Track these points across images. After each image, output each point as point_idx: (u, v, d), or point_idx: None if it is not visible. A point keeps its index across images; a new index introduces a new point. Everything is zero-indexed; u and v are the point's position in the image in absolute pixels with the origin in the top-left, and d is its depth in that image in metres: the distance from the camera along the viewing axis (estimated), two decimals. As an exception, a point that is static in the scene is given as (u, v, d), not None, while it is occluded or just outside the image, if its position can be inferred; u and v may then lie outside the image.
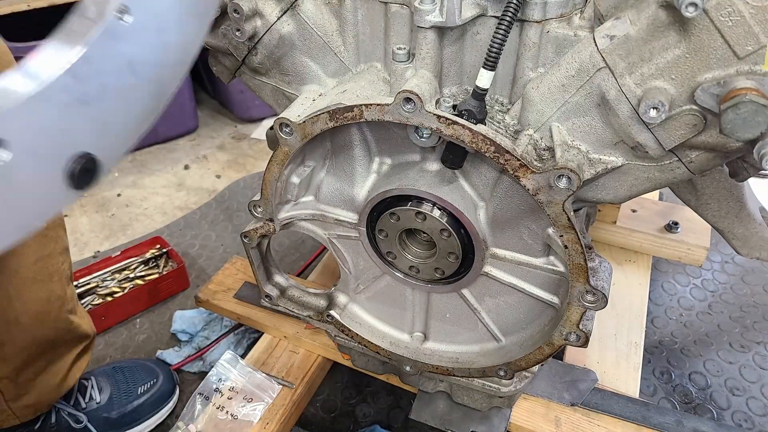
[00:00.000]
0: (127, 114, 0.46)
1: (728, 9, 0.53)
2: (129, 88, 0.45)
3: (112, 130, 0.45)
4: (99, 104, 0.42)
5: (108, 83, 0.42)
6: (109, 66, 0.42)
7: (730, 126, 0.54)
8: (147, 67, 0.45)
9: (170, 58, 0.48)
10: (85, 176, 0.43)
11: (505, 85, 0.74)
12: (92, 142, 0.43)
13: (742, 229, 0.94)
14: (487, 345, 0.92)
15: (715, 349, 1.41)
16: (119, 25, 0.41)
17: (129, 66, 0.44)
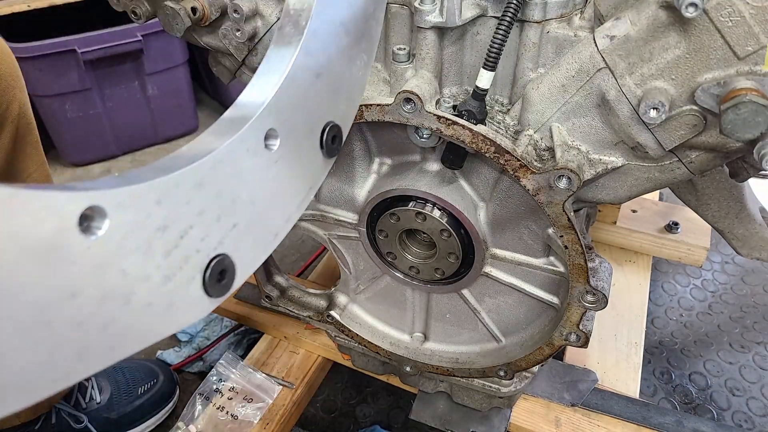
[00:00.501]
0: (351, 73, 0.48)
1: (728, 9, 0.53)
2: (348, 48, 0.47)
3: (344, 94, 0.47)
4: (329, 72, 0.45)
5: (332, 50, 0.45)
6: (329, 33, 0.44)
7: (730, 126, 0.54)
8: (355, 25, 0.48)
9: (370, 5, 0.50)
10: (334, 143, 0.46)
11: (505, 85, 0.74)
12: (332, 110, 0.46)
13: (743, 229, 0.93)
14: (488, 345, 0.92)
15: (716, 349, 1.41)
16: None
17: (344, 27, 0.46)
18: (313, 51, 0.43)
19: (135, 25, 1.88)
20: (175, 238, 0.32)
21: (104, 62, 1.99)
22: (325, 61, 0.44)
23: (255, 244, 0.39)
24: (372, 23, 0.51)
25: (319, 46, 0.43)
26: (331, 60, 0.45)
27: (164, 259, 0.32)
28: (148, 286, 0.31)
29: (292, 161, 0.42)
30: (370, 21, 0.50)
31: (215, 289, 0.35)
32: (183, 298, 0.33)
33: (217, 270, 0.35)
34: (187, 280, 0.33)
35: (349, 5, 0.46)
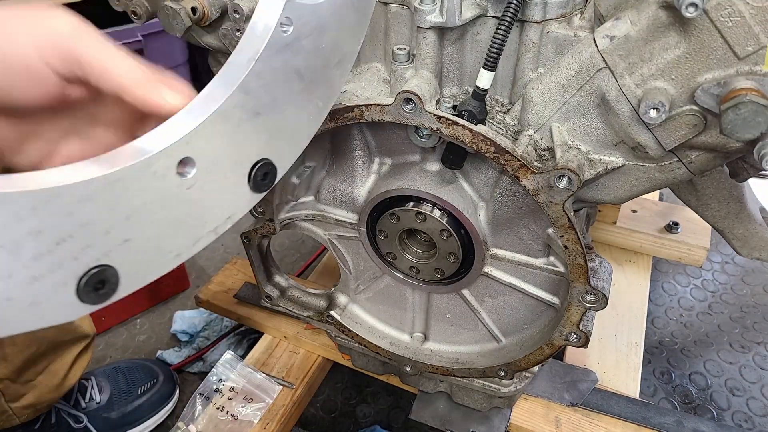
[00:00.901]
0: (298, 117, 0.48)
1: (728, 9, 0.53)
2: (297, 93, 0.47)
3: (286, 135, 0.47)
4: (272, 113, 0.45)
5: (277, 93, 0.45)
6: (277, 77, 0.44)
7: (730, 126, 0.54)
8: (312, 72, 0.47)
9: (335, 55, 0.50)
10: (264, 180, 0.46)
11: (506, 85, 0.74)
12: (268, 148, 0.46)
13: (743, 229, 0.93)
14: (488, 345, 0.92)
15: (716, 349, 1.41)
16: (282, 37, 0.43)
17: (296, 73, 0.46)
18: (254, 91, 0.43)
19: (135, 25, 1.88)
20: (49, 243, 0.34)
21: (104, 62, 1.99)
22: (269, 102, 0.44)
23: (149, 261, 0.40)
24: (334, 73, 0.51)
25: (262, 87, 0.43)
26: (276, 102, 0.45)
27: (33, 261, 0.34)
28: (10, 282, 0.33)
29: (210, 190, 0.42)
30: (331, 71, 0.50)
31: (90, 296, 0.37)
32: (50, 300, 0.35)
33: (96, 279, 0.37)
34: (57, 283, 0.35)
35: (307, 55, 0.46)
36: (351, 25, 0.50)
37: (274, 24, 0.43)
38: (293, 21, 0.43)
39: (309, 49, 0.46)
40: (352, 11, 0.50)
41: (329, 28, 0.47)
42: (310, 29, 0.45)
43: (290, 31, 0.44)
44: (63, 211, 0.34)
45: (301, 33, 0.45)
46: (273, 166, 0.46)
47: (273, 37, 0.43)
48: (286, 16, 0.43)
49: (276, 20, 0.43)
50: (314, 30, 0.46)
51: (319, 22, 0.46)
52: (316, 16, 0.46)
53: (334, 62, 0.50)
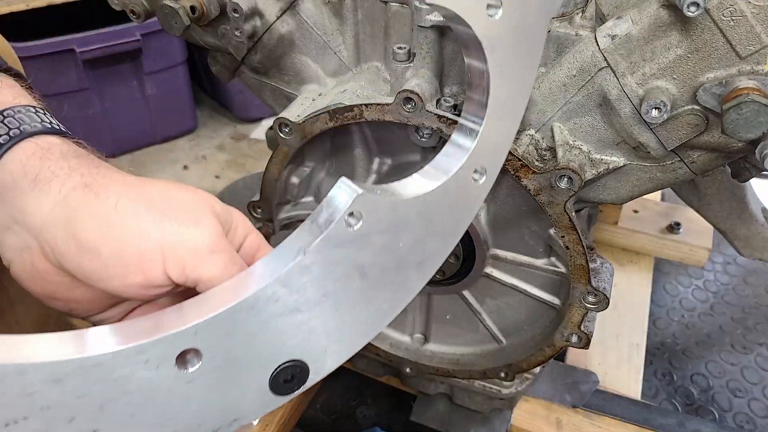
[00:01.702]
0: (353, 318, 0.41)
1: (730, 9, 0.52)
2: (356, 292, 0.40)
3: (332, 337, 0.40)
4: (316, 311, 0.38)
5: (329, 289, 0.38)
6: (331, 273, 0.38)
7: (732, 126, 0.54)
8: (381, 271, 0.40)
9: (415, 256, 0.42)
10: (290, 382, 0.39)
11: (506, 84, 0.73)
12: (304, 348, 0.39)
13: (745, 229, 0.93)
14: (488, 346, 0.91)
15: (717, 350, 1.41)
16: (345, 231, 0.37)
17: (358, 270, 0.39)
18: (297, 285, 0.37)
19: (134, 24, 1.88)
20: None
21: (103, 62, 1.99)
22: (315, 298, 0.38)
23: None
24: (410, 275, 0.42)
25: (308, 282, 0.37)
26: (325, 299, 0.38)
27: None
28: None
29: (216, 387, 0.36)
30: (407, 272, 0.42)
31: None
32: None
33: None
34: None
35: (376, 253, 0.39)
36: (442, 225, 0.43)
37: (337, 217, 0.36)
38: (364, 216, 0.37)
39: (380, 246, 0.39)
40: (447, 210, 0.42)
41: (412, 226, 0.40)
42: (385, 226, 0.39)
43: (358, 226, 0.37)
44: (22, 391, 0.30)
45: (372, 229, 0.38)
46: (305, 368, 0.39)
47: (333, 230, 0.36)
48: (356, 210, 0.37)
49: (341, 214, 0.36)
50: (391, 227, 0.39)
51: (398, 219, 0.39)
52: (396, 213, 0.39)
53: (412, 263, 0.42)
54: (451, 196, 0.42)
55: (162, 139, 2.36)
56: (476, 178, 0.43)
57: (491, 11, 0.37)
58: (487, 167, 0.43)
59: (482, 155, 0.42)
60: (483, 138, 0.41)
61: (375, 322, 0.42)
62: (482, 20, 0.37)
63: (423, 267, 0.43)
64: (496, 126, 0.42)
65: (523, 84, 0.42)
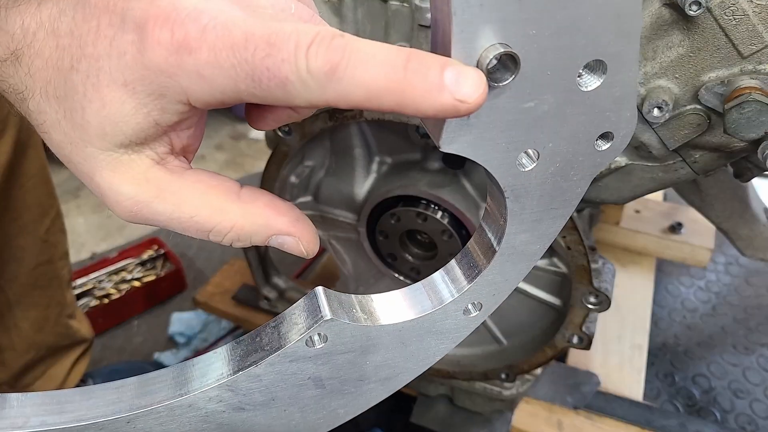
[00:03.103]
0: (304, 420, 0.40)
1: (732, 8, 0.52)
2: (309, 399, 0.39)
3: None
4: (263, 412, 0.38)
5: (279, 395, 0.37)
6: (283, 382, 0.37)
7: (734, 125, 0.53)
8: (340, 383, 0.39)
9: (382, 373, 0.39)
10: None
11: (507, 84, 0.73)
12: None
13: (747, 229, 0.93)
14: (489, 348, 0.91)
15: (719, 351, 1.40)
16: (305, 349, 0.36)
17: (314, 381, 0.38)
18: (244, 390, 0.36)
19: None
20: None
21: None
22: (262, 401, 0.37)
23: None
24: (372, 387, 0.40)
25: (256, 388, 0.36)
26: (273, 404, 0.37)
27: None
28: None
29: None
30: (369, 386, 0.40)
31: None
32: None
33: None
34: None
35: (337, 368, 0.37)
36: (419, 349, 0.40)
37: (296, 339, 0.35)
38: (329, 338, 0.36)
39: (343, 364, 0.37)
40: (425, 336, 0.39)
41: (383, 349, 0.38)
42: (351, 348, 0.37)
43: (319, 347, 0.36)
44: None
45: (336, 350, 0.36)
46: None
47: (291, 348, 0.35)
48: (321, 333, 0.35)
49: (302, 336, 0.35)
50: (358, 349, 0.37)
51: (369, 342, 0.37)
52: (367, 338, 0.37)
53: (377, 377, 0.39)
54: (436, 325, 0.39)
55: (162, 139, 2.36)
56: (469, 311, 0.39)
57: (523, 163, 0.32)
58: (483, 303, 0.40)
59: (482, 292, 0.39)
60: (486, 278, 0.38)
61: (326, 424, 0.41)
62: (510, 171, 0.32)
63: (388, 383, 0.41)
64: (504, 268, 0.38)
65: (545, 234, 0.37)
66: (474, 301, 0.39)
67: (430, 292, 0.39)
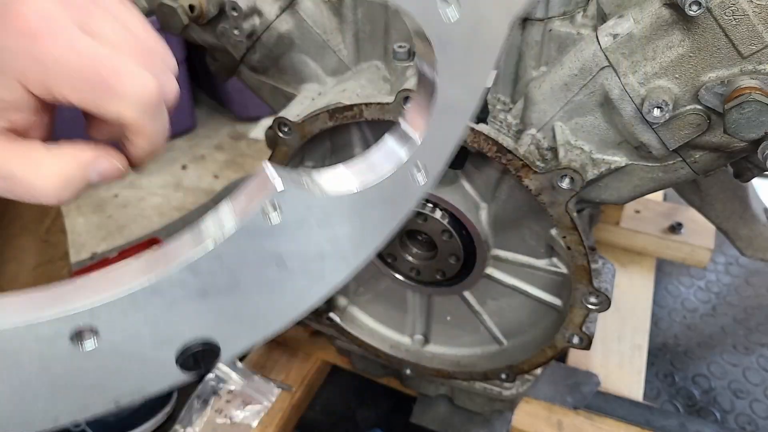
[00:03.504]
0: (269, 304, 0.40)
1: (732, 8, 0.52)
2: (272, 280, 0.39)
3: (244, 319, 0.40)
4: (227, 296, 0.38)
5: (241, 277, 0.38)
6: (244, 261, 0.37)
7: (734, 126, 0.53)
8: (302, 262, 0.39)
9: (341, 248, 0.41)
10: (200, 362, 0.39)
11: (507, 83, 0.73)
12: (214, 329, 0.38)
13: (747, 230, 0.93)
14: (489, 348, 0.91)
15: (719, 351, 1.40)
16: (263, 223, 0.36)
17: (275, 259, 0.38)
18: (206, 272, 0.36)
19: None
20: None
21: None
22: (225, 284, 0.37)
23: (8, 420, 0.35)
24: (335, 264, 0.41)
25: (218, 269, 0.36)
26: (236, 286, 0.37)
27: None
28: None
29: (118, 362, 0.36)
30: (331, 262, 0.41)
31: None
32: None
33: None
34: None
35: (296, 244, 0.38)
36: (374, 220, 0.41)
37: (254, 211, 0.35)
38: (284, 209, 0.36)
39: (301, 239, 0.38)
40: (380, 205, 0.40)
41: (339, 221, 0.39)
42: (308, 220, 0.38)
43: (276, 220, 0.36)
44: None
45: (293, 222, 0.37)
46: (215, 349, 0.39)
47: (249, 222, 0.35)
48: (276, 203, 0.36)
49: (258, 208, 0.35)
50: (316, 221, 0.38)
51: (324, 214, 0.38)
52: (323, 209, 0.38)
53: (337, 254, 0.41)
54: (387, 193, 0.40)
55: (162, 139, 2.36)
56: (416, 176, 0.41)
57: (444, 10, 0.35)
58: (428, 165, 0.41)
59: (424, 153, 0.40)
60: (426, 136, 0.40)
61: (292, 308, 0.41)
62: (434, 18, 0.35)
63: (348, 259, 0.42)
64: (441, 126, 0.40)
65: (474, 85, 0.40)
66: (417, 164, 0.40)
67: (374, 161, 0.40)
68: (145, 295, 0.34)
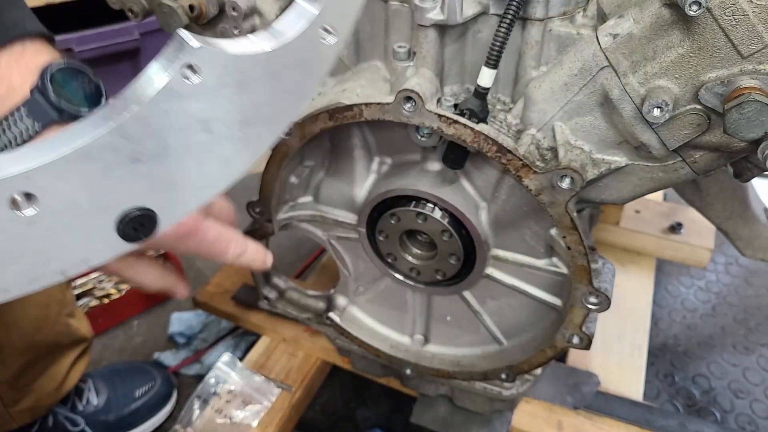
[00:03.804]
0: (199, 171, 0.42)
1: (732, 8, 0.52)
2: (200, 145, 0.41)
3: (178, 187, 0.42)
4: (159, 162, 0.40)
5: (170, 142, 0.39)
6: (171, 125, 0.39)
7: (734, 125, 0.53)
8: (226, 126, 0.41)
9: (262, 113, 0.43)
10: (139, 230, 0.41)
11: (507, 83, 0.73)
12: (150, 197, 0.40)
13: (747, 230, 0.93)
14: (489, 348, 0.91)
15: (719, 351, 1.40)
16: (184, 84, 0.38)
17: (201, 124, 0.40)
18: (134, 136, 0.37)
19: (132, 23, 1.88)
20: None
21: (101, 61, 1.98)
22: (155, 150, 0.39)
23: None
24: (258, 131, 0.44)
25: (147, 133, 0.38)
26: (167, 151, 0.39)
27: None
28: None
29: (59, 231, 0.37)
30: (254, 128, 0.43)
31: None
32: None
33: None
34: None
35: (218, 108, 0.40)
36: (290, 84, 0.44)
37: (174, 70, 0.37)
38: (203, 70, 0.38)
39: (223, 102, 0.40)
40: (294, 68, 0.44)
41: (257, 84, 0.42)
42: (227, 82, 0.40)
43: (197, 81, 0.38)
44: None
45: (213, 84, 0.39)
46: (153, 216, 0.41)
47: (171, 83, 0.37)
48: (194, 64, 0.37)
49: (177, 66, 0.37)
50: (234, 83, 0.40)
51: (242, 75, 0.40)
52: (239, 69, 0.40)
53: (259, 120, 0.43)
54: (299, 53, 0.43)
55: (162, 139, 2.36)
56: (324, 37, 0.43)
57: None
58: (336, 27, 0.44)
59: (331, 15, 0.43)
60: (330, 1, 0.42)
61: (223, 176, 0.44)
62: None
63: (271, 124, 0.44)
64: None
65: None
66: (326, 25, 0.43)
67: (284, 25, 0.42)
68: (77, 158, 0.36)
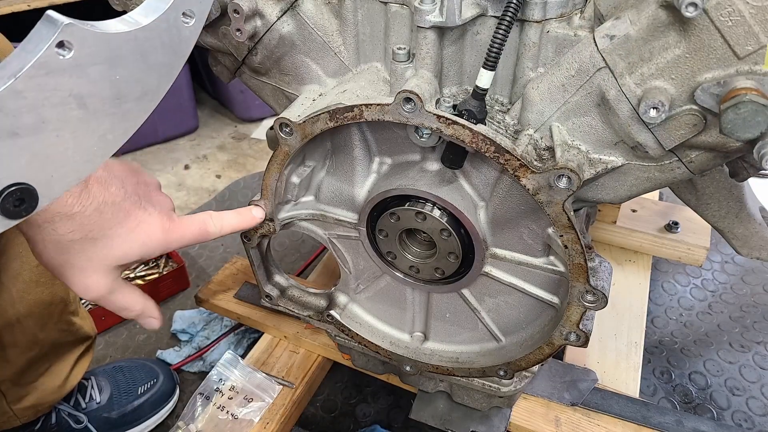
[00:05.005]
0: (77, 146, 0.44)
1: (728, 9, 0.53)
2: (76, 121, 0.43)
3: (57, 162, 0.43)
4: (36, 136, 0.41)
5: (47, 116, 0.41)
6: (47, 100, 0.41)
7: (730, 126, 0.54)
8: (100, 102, 0.44)
9: (134, 90, 0.47)
10: (20, 206, 0.42)
11: (505, 85, 0.74)
12: (29, 172, 0.42)
13: (742, 228, 0.94)
14: (487, 345, 0.92)
15: (715, 348, 1.41)
16: (57, 59, 0.40)
17: (76, 99, 0.42)
18: (11, 109, 0.39)
19: (135, 24, 1.87)
20: None
21: (104, 62, 1.99)
22: (32, 124, 0.40)
23: None
24: (131, 106, 0.47)
25: (23, 107, 0.39)
26: (44, 126, 0.41)
27: None
28: None
29: None
30: (127, 104, 0.46)
31: None
32: None
33: None
34: None
35: (92, 84, 0.43)
36: (158, 63, 0.47)
37: (45, 45, 0.39)
38: (75, 46, 0.40)
39: (96, 78, 0.43)
40: (160, 48, 0.47)
41: (127, 61, 0.45)
42: (97, 58, 0.42)
43: (69, 56, 0.40)
44: None
45: (85, 60, 0.41)
46: (33, 192, 0.42)
47: (43, 57, 0.39)
48: (65, 40, 0.39)
49: (49, 41, 0.39)
50: (105, 60, 0.43)
51: (112, 53, 0.43)
52: (108, 46, 0.43)
53: (131, 96, 0.46)
54: (163, 35, 0.47)
55: (163, 138, 2.37)
56: (186, 21, 0.48)
57: None
58: (195, 11, 0.48)
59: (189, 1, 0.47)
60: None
61: (100, 151, 0.46)
62: None
63: (143, 101, 0.48)
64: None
65: None
66: (186, 9, 0.47)
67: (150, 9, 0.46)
68: None
